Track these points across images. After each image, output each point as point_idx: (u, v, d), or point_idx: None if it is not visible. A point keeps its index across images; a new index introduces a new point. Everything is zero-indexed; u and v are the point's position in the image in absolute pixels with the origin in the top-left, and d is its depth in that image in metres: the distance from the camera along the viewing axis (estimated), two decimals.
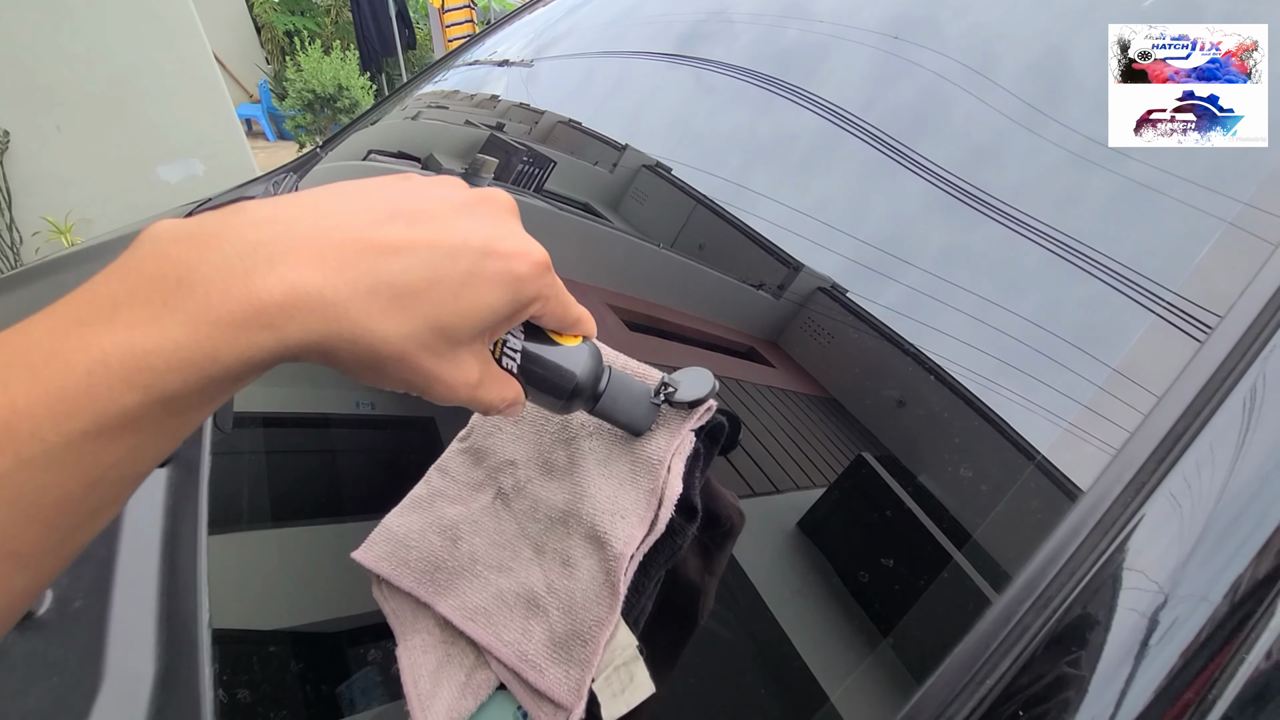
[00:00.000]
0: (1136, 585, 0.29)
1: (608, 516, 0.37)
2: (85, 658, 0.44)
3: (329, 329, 0.20)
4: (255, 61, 5.98)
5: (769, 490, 0.45)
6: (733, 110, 0.76)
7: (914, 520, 0.39)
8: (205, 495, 0.55)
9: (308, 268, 0.20)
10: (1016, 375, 0.40)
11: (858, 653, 0.36)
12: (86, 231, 2.93)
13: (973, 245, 0.49)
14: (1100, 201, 0.45)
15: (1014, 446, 0.39)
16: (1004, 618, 0.30)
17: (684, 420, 0.39)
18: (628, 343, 0.60)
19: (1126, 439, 0.32)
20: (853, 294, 0.52)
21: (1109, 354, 0.38)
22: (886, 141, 0.58)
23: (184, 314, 0.19)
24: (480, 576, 0.39)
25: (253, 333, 0.19)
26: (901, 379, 0.46)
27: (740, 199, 0.65)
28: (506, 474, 0.44)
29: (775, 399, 0.51)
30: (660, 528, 0.36)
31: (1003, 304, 0.44)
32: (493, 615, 0.37)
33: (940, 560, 0.36)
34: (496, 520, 0.42)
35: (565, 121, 0.95)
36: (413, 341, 0.22)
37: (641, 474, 0.38)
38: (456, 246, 0.23)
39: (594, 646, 0.34)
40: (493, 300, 0.24)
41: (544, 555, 0.39)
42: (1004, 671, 0.29)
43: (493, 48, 1.29)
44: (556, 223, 0.80)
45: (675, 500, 0.37)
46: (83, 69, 2.79)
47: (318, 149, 1.36)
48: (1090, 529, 0.30)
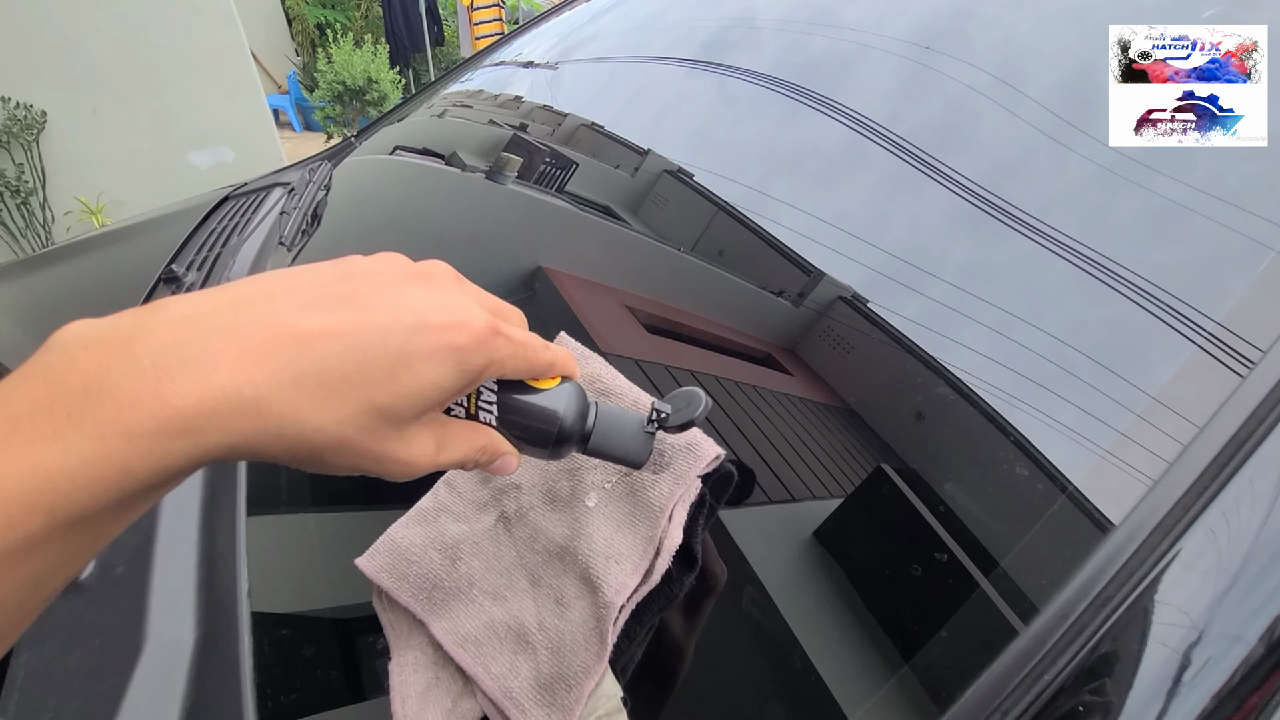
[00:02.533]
0: (1170, 621, 0.28)
1: (602, 560, 0.36)
2: (126, 622, 0.44)
3: (253, 427, 0.19)
4: (285, 53, 6.08)
5: (785, 498, 0.44)
6: (756, 118, 0.75)
7: (936, 539, 0.38)
8: (244, 474, 0.55)
9: (225, 367, 0.19)
10: (1046, 396, 0.39)
11: (876, 670, 0.36)
12: (117, 213, 2.99)
13: (1004, 261, 0.48)
14: (1142, 222, 0.44)
15: (1040, 469, 0.37)
16: (1032, 647, 0.29)
17: (691, 465, 0.38)
18: (645, 346, 0.60)
19: (1165, 469, 0.31)
20: (874, 304, 0.51)
21: (1146, 381, 0.37)
22: (913, 152, 0.57)
23: (91, 426, 0.17)
24: (475, 601, 0.39)
25: (168, 441, 0.18)
26: (922, 392, 0.45)
27: (762, 206, 0.65)
28: (511, 497, 0.43)
29: (792, 406, 0.51)
30: (655, 578, 0.36)
31: (1033, 322, 0.43)
32: (483, 645, 0.37)
33: (964, 583, 0.35)
34: (496, 545, 0.42)
35: (588, 125, 0.95)
36: (349, 427, 0.21)
37: (641, 519, 0.37)
38: (386, 325, 0.22)
39: (578, 694, 0.34)
40: (434, 377, 0.23)
41: (539, 589, 0.39)
42: (1030, 703, 0.27)
43: (520, 49, 1.30)
44: (578, 223, 0.79)
45: (673, 550, 0.36)
46: (120, 53, 2.86)
47: (351, 139, 1.38)
48: (1124, 560, 0.29)
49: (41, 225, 2.93)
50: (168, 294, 0.79)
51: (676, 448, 0.39)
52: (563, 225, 0.81)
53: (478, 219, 0.91)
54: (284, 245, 0.91)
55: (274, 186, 1.14)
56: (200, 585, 0.47)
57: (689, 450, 0.39)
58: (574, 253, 0.75)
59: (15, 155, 2.78)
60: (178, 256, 0.91)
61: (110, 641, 0.43)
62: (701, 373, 0.55)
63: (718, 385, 0.53)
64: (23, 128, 2.71)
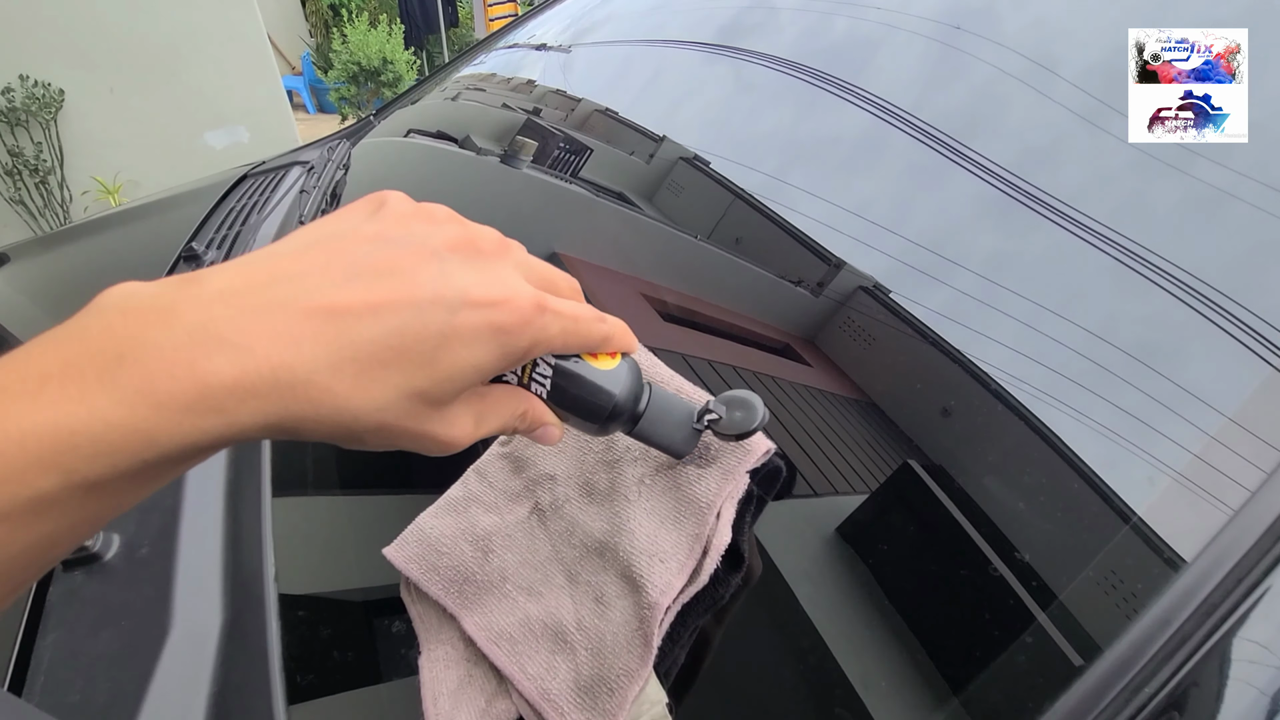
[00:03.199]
0: (1255, 659, 0.26)
1: (645, 559, 0.35)
2: (153, 604, 0.44)
3: (289, 410, 0.19)
4: (299, 34, 6.06)
5: (806, 493, 0.43)
6: (775, 103, 0.74)
7: (966, 539, 0.37)
8: (269, 455, 0.55)
9: (262, 347, 0.18)
10: (1083, 394, 0.38)
11: (902, 671, 0.35)
12: (133, 192, 3.01)
13: (1040, 251, 0.46)
14: (1198, 210, 0.43)
15: (1072, 466, 0.36)
16: (1099, 688, 0.27)
17: (740, 460, 0.36)
18: (661, 334, 0.59)
19: (1247, 498, 0.29)
20: (897, 295, 0.50)
21: (1219, 399, 0.35)
22: (940, 137, 0.55)
23: (120, 392, 0.17)
24: (509, 597, 0.38)
25: (198, 417, 0.18)
26: (948, 387, 0.44)
27: (781, 194, 0.64)
28: (545, 489, 0.42)
29: (811, 398, 0.50)
30: (703, 579, 0.34)
31: (1071, 319, 0.41)
32: (518, 643, 0.35)
33: (996, 587, 0.34)
34: (530, 538, 0.40)
35: (602, 110, 0.94)
36: (390, 413, 0.21)
37: (688, 515, 0.36)
38: (425, 303, 0.21)
39: (621, 699, 0.32)
40: (475, 358, 0.22)
41: (576, 585, 0.37)
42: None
43: (533, 31, 1.29)
44: (594, 209, 0.79)
45: (722, 550, 0.34)
46: (137, 33, 2.86)
47: (370, 117, 1.39)
48: (1205, 595, 0.27)
49: (60, 204, 2.96)
50: (189, 271, 0.79)
51: (721, 442, 0.37)
52: (578, 211, 0.80)
53: (493, 203, 0.91)
54: (304, 224, 0.90)
55: (293, 165, 1.14)
56: (226, 568, 0.47)
57: (738, 444, 0.37)
58: (589, 239, 0.74)
59: (34, 134, 2.80)
60: (198, 234, 0.91)
61: (138, 623, 0.43)
62: (719, 362, 0.54)
63: (735, 375, 0.53)
64: (41, 106, 2.73)
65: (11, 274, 1.07)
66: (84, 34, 2.76)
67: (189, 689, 0.40)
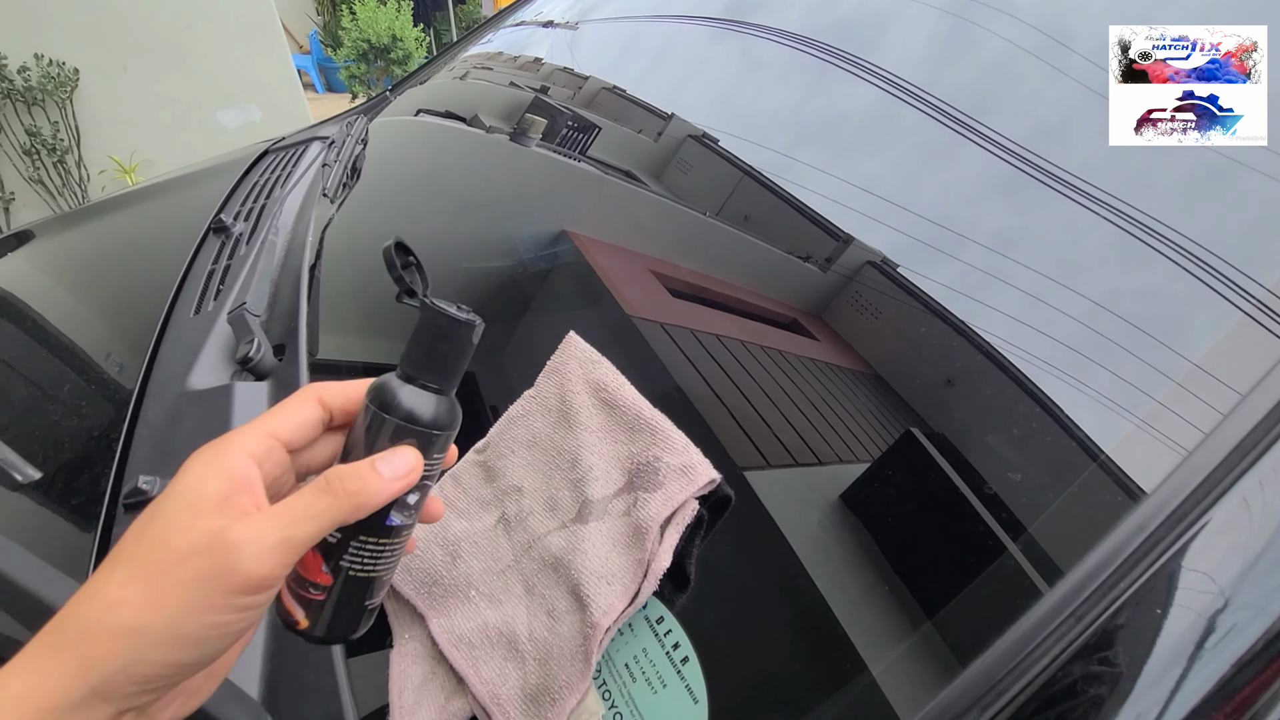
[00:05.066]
0: (1196, 587, 0.28)
1: (594, 579, 0.37)
2: None
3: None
4: (306, 12, 6.02)
5: (811, 461, 0.44)
6: (783, 80, 0.73)
7: (964, 502, 0.38)
8: None
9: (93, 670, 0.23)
10: (1081, 362, 0.39)
11: (901, 629, 0.36)
12: (148, 171, 3.04)
13: (1039, 224, 0.46)
14: (1186, 183, 0.42)
15: (1073, 436, 0.37)
16: (1056, 609, 0.29)
17: (683, 488, 0.38)
18: (670, 309, 0.60)
19: (1202, 438, 0.31)
20: (904, 269, 0.50)
21: (1186, 347, 0.36)
22: (947, 111, 0.55)
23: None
24: (471, 601, 0.40)
25: None
26: (952, 358, 0.45)
27: (789, 170, 0.64)
28: (512, 500, 0.43)
29: (817, 372, 0.50)
30: (640, 601, 0.36)
31: (1069, 285, 0.42)
32: (476, 648, 0.38)
33: (990, 544, 0.36)
34: (495, 546, 0.42)
35: (609, 88, 0.94)
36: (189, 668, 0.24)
37: (635, 540, 0.38)
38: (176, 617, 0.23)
39: (561, 708, 0.35)
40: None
41: (533, 596, 0.39)
42: (1051, 661, 0.28)
43: (540, 8, 1.28)
44: (602, 187, 0.79)
45: (660, 575, 0.36)
46: (149, 12, 2.86)
47: (387, 92, 1.40)
48: (1155, 526, 0.28)
49: (78, 183, 2.99)
50: (217, 243, 0.81)
51: (671, 468, 0.39)
52: (587, 188, 0.81)
53: (502, 180, 0.91)
54: (327, 197, 0.92)
55: (313, 140, 1.16)
56: None
57: (683, 473, 0.39)
58: (599, 216, 0.75)
59: (50, 113, 2.82)
60: (224, 208, 0.93)
61: None
62: (726, 337, 0.55)
63: (743, 349, 0.53)
64: (56, 85, 2.75)
65: (35, 251, 1.10)
66: (97, 11, 2.76)
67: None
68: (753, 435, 0.47)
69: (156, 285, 0.76)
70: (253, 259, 0.74)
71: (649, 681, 0.37)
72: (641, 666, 0.37)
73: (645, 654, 0.38)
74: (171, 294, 0.72)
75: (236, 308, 0.62)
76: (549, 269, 0.70)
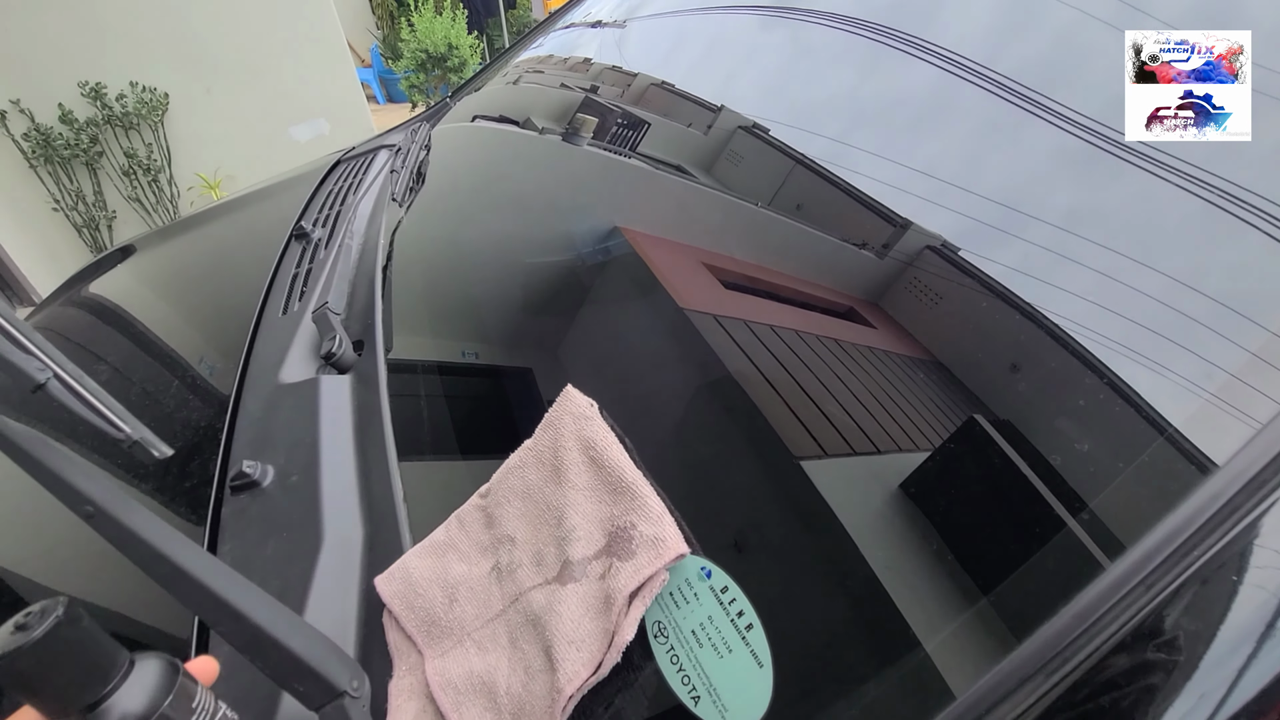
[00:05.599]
0: (1270, 564, 0.27)
1: (564, 644, 0.37)
2: (306, 521, 0.52)
3: None
4: (367, 27, 6.29)
5: (869, 450, 0.44)
6: (834, 65, 0.72)
7: (1029, 487, 0.37)
8: (388, 404, 0.61)
9: None
10: (1151, 339, 0.37)
11: (957, 606, 0.36)
12: (230, 186, 3.26)
13: (1110, 201, 0.45)
14: (1266, 155, 0.40)
15: (1140, 413, 0.36)
16: (1119, 582, 0.28)
17: (652, 560, 0.38)
18: (723, 301, 0.60)
19: (1277, 412, 0.29)
20: (965, 252, 0.49)
21: (1265, 318, 0.34)
22: (1010, 86, 0.53)
23: None
24: (462, 646, 0.42)
25: None
26: (1017, 343, 0.43)
27: (843, 157, 0.63)
28: (505, 549, 0.44)
29: (875, 360, 0.50)
30: (604, 672, 0.37)
31: (1144, 261, 0.40)
32: (461, 694, 0.39)
33: (1051, 518, 0.35)
34: (488, 593, 0.43)
35: (658, 84, 0.94)
36: None
37: (605, 608, 0.38)
38: None
39: None
40: None
41: (515, 649, 0.40)
42: (1110, 635, 0.27)
43: (589, 9, 1.30)
44: (653, 182, 0.80)
45: (622, 648, 0.37)
46: (229, 36, 3.07)
47: (447, 99, 1.47)
48: (1229, 497, 0.27)
49: (169, 200, 3.24)
50: (299, 248, 0.87)
51: (644, 538, 0.39)
52: (639, 184, 0.82)
53: (556, 179, 0.93)
54: (396, 201, 0.97)
55: (380, 149, 1.22)
56: (362, 493, 0.54)
57: (654, 544, 0.39)
58: (651, 211, 0.76)
59: (144, 136, 3.07)
60: (304, 215, 1.00)
61: (296, 535, 0.51)
62: (781, 327, 0.55)
63: (798, 339, 0.53)
64: (150, 110, 2.99)
65: (136, 265, 1.20)
66: (183, 39, 2.98)
67: (343, 584, 0.47)
68: (808, 424, 0.47)
69: (248, 289, 0.82)
70: (331, 262, 0.79)
71: (715, 647, 0.38)
72: (708, 633, 0.38)
73: (711, 621, 0.38)
74: (262, 296, 0.78)
75: (320, 307, 0.66)
76: (602, 265, 0.71)
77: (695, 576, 0.39)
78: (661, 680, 0.38)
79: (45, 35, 2.70)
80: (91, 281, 1.16)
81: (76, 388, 0.29)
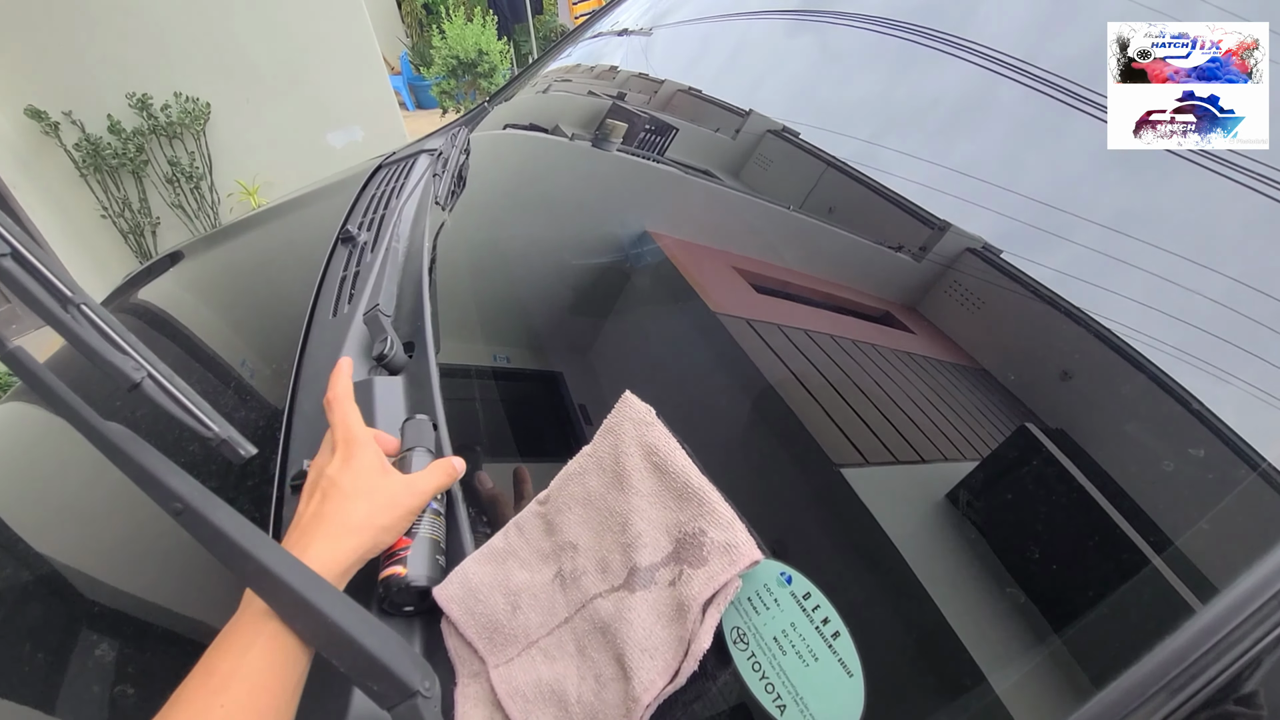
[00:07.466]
0: None
1: (637, 652, 0.37)
2: None
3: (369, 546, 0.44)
4: (396, 34, 6.40)
5: (913, 459, 0.43)
6: (866, 67, 0.71)
7: (1093, 504, 0.36)
8: (441, 405, 0.61)
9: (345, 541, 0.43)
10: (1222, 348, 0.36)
11: (1023, 640, 0.35)
12: (269, 193, 3.35)
13: (1166, 200, 0.43)
14: None
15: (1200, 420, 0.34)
16: (1211, 627, 0.27)
17: (726, 567, 0.38)
18: (755, 306, 0.60)
19: None
20: (1009, 255, 0.48)
21: None
22: (1051, 80, 0.52)
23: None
24: (528, 654, 0.42)
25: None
26: (1068, 349, 0.42)
27: (876, 159, 0.62)
28: (568, 556, 0.44)
29: (914, 365, 0.49)
30: (680, 680, 0.36)
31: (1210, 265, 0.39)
32: (530, 702, 0.39)
33: (1122, 552, 0.34)
34: (551, 601, 0.43)
35: (685, 89, 0.94)
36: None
37: (678, 615, 0.38)
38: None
39: None
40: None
41: (584, 658, 0.40)
42: (1203, 685, 0.26)
43: (616, 19, 1.31)
44: (683, 187, 0.80)
45: (700, 656, 0.36)
46: (267, 43, 3.16)
47: (485, 104, 1.49)
48: None
49: (211, 207, 3.35)
50: (345, 252, 0.89)
51: (715, 544, 0.39)
52: (668, 188, 0.82)
53: (586, 185, 0.94)
54: (439, 204, 0.99)
55: (420, 154, 1.24)
56: None
57: (727, 550, 0.38)
58: (680, 215, 0.76)
59: (187, 144, 3.18)
60: (348, 219, 1.02)
61: None
62: (815, 331, 0.54)
63: (833, 344, 0.53)
64: (192, 119, 3.09)
65: (185, 271, 1.24)
66: (224, 49, 3.08)
67: None
68: (848, 431, 0.46)
69: (296, 292, 0.84)
70: (378, 265, 0.81)
71: (799, 655, 0.37)
72: (791, 640, 0.37)
73: (794, 628, 0.38)
74: (312, 298, 0.80)
75: (371, 309, 0.68)
76: (633, 270, 0.72)
77: (775, 582, 0.39)
78: (740, 688, 0.37)
79: (95, 49, 2.81)
80: (142, 287, 1.20)
81: (169, 387, 0.31)
